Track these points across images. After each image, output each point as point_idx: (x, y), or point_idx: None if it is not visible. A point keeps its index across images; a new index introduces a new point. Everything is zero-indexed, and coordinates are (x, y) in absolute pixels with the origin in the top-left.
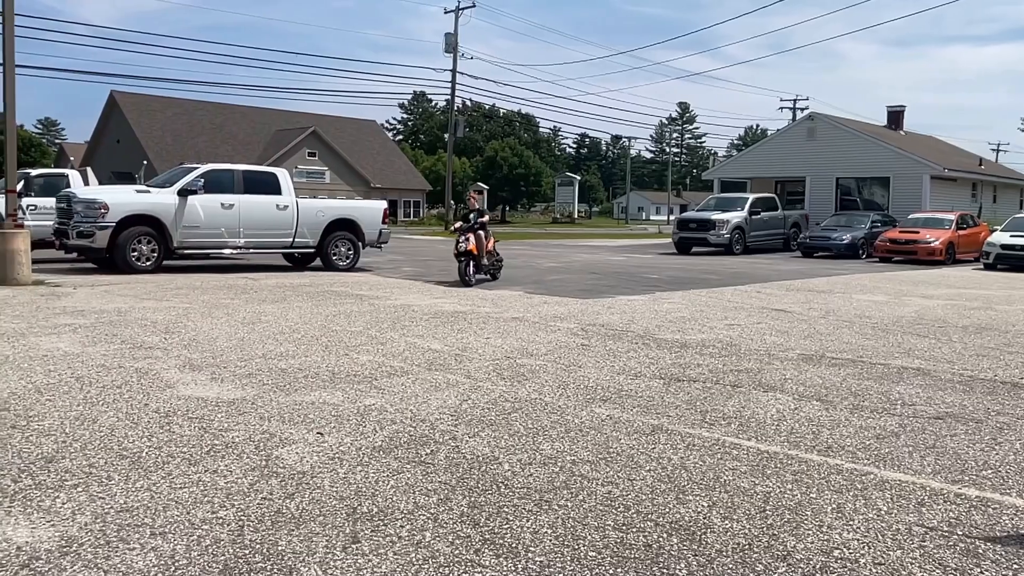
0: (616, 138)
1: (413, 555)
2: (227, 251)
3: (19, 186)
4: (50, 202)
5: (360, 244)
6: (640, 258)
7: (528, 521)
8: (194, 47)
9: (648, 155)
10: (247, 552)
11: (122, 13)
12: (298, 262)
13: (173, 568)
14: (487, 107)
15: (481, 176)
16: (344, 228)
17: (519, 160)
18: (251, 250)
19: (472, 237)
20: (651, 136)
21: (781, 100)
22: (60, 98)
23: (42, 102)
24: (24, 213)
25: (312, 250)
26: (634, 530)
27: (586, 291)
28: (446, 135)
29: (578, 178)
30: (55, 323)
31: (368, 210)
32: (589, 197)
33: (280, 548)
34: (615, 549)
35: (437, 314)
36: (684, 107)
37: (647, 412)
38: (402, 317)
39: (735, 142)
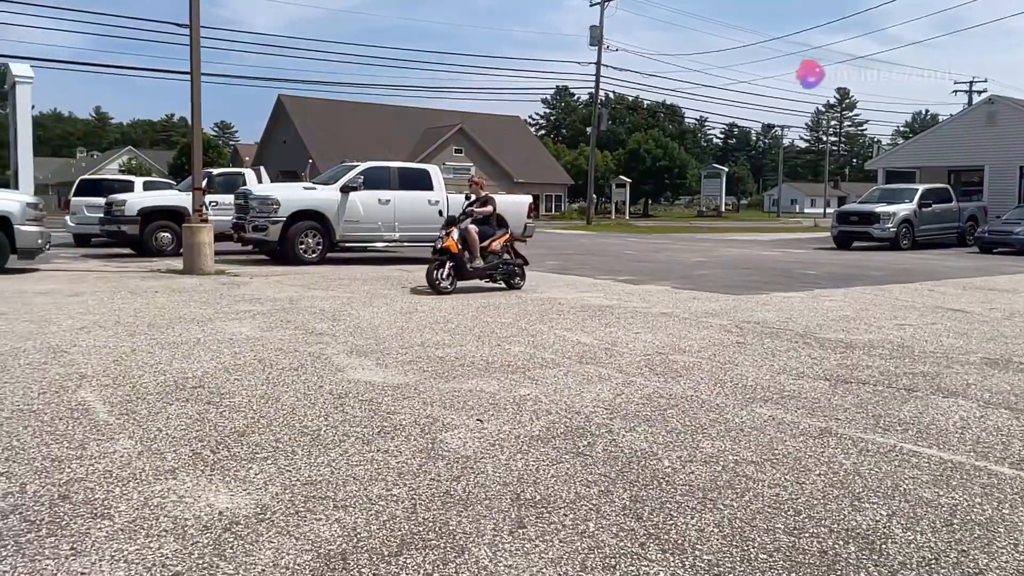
0: (767, 127)
1: (579, 544)
2: (382, 244)
3: (203, 184)
4: (229, 199)
5: None
6: (795, 253)
7: (693, 519)
8: (351, 50)
9: (802, 144)
10: (421, 529)
11: (287, 21)
12: None
13: (356, 540)
14: (630, 99)
15: (623, 169)
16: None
17: (663, 152)
18: (404, 243)
19: (455, 232)
20: (806, 124)
21: (955, 83)
22: (233, 102)
23: (218, 106)
24: (207, 209)
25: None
26: (807, 535)
27: (737, 287)
28: (588, 129)
29: (725, 169)
30: (236, 309)
31: (513, 205)
32: (737, 189)
33: (451, 528)
34: (787, 553)
35: (584, 307)
36: (843, 93)
37: (813, 414)
38: (549, 310)
39: (901, 129)
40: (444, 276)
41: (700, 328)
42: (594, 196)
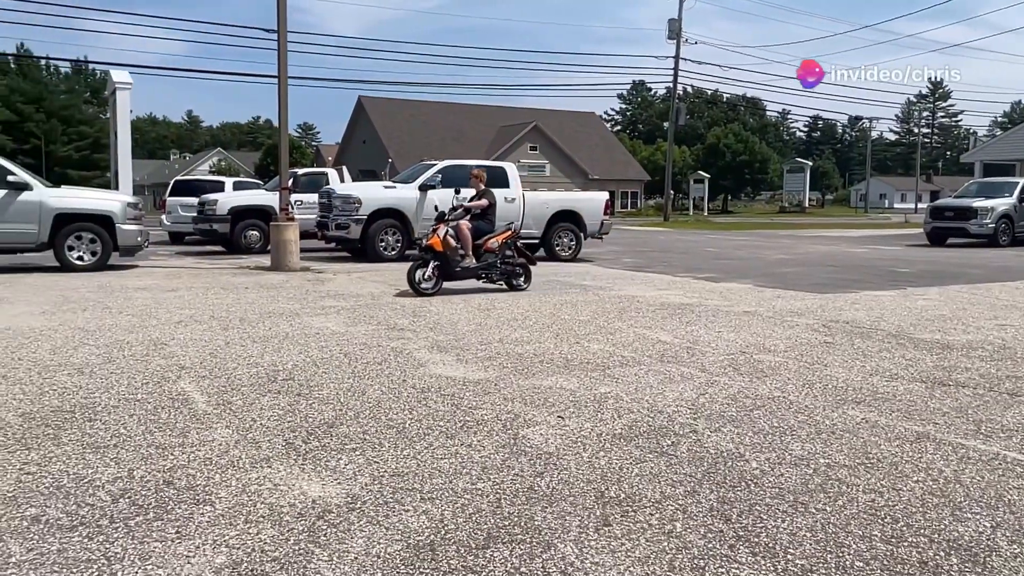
0: (854, 119)
1: (666, 543)
2: None
3: (289, 184)
4: (313, 198)
5: (582, 235)
6: (885, 250)
7: (783, 522)
8: (428, 51)
9: (892, 136)
10: (507, 524)
11: (367, 23)
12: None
13: (443, 532)
14: (709, 93)
15: (702, 165)
16: (567, 219)
17: (743, 146)
18: None
19: (443, 228)
20: (896, 116)
21: None
22: (315, 104)
23: (301, 108)
24: (293, 208)
25: (536, 241)
26: (905, 544)
27: (824, 285)
28: (666, 124)
29: (809, 164)
30: (322, 305)
31: (590, 202)
32: (822, 184)
33: (536, 523)
34: (884, 562)
35: (663, 305)
36: (936, 83)
37: (909, 418)
38: (628, 308)
39: (999, 120)
40: (426, 277)
41: (785, 327)
42: (671, 192)
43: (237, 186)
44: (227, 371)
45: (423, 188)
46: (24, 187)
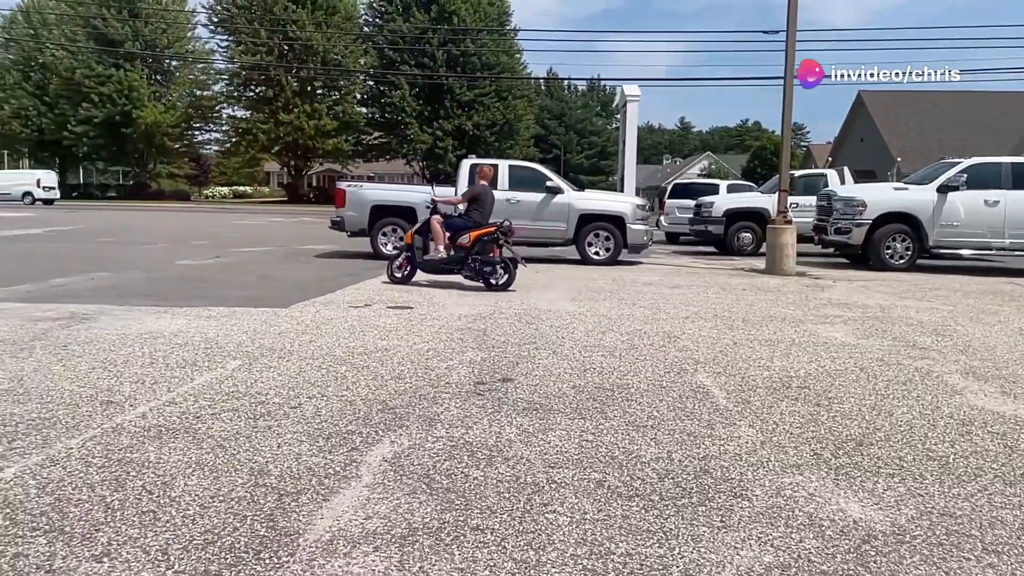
0: None
1: None
2: (977, 252)
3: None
4: (809, 200)
5: None
6: None
7: None
8: (931, 35)
9: None
10: None
11: (864, 14)
12: None
13: None
14: None
15: None
16: None
17: None
18: (1016, 251)
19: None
20: None
21: None
22: (804, 102)
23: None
24: (788, 211)
25: None
26: None
27: None
28: None
29: None
30: (824, 313)
31: None
32: None
33: None
34: None
35: None
36: None
37: None
38: None
39: None
40: (397, 266)
41: None
42: None
43: (731, 189)
44: (739, 370)
45: (942, 190)
46: (557, 191)
